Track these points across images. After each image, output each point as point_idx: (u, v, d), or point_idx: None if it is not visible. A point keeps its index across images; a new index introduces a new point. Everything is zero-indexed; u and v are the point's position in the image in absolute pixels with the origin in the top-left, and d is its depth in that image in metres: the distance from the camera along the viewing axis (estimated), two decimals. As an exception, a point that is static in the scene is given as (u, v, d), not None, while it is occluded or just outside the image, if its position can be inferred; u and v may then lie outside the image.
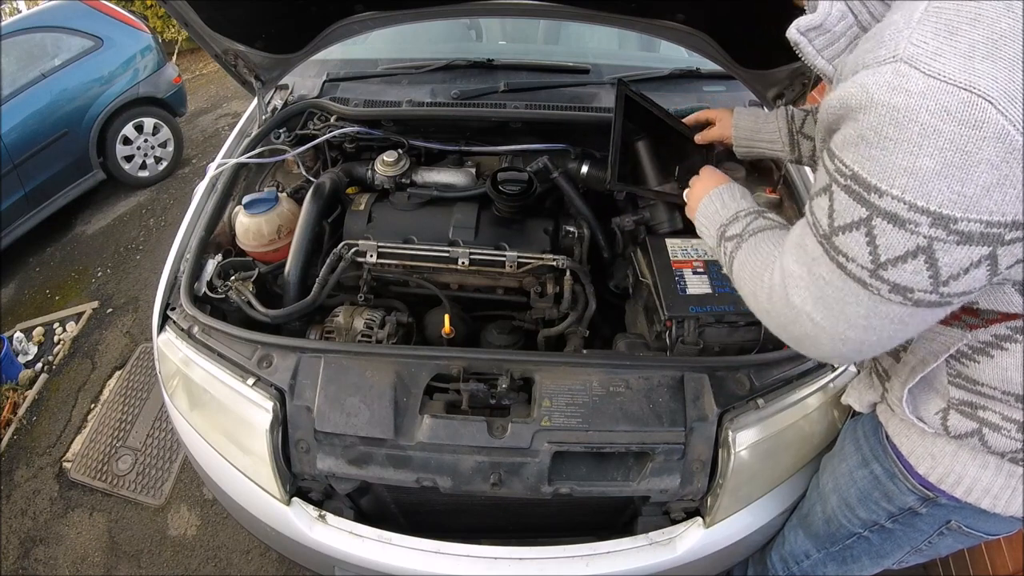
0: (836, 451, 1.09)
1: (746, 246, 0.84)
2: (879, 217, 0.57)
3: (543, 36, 2.29)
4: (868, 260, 0.59)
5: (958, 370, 0.78)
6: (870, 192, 0.57)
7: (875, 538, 1.03)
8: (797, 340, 0.71)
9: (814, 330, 0.67)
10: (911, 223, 0.55)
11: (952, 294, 0.59)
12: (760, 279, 0.76)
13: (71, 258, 3.56)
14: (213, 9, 1.40)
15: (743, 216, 0.90)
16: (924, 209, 0.54)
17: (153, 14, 5.77)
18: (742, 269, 0.82)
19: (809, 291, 0.66)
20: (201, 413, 1.25)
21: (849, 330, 0.64)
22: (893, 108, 0.53)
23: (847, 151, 0.58)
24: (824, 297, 0.64)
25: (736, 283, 0.85)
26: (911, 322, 0.63)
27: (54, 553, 2.02)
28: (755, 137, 1.22)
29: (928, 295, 0.59)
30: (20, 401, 2.59)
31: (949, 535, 0.95)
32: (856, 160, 0.57)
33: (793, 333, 0.71)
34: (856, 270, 0.61)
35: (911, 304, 0.60)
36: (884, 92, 0.53)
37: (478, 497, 1.16)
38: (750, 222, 0.88)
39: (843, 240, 0.61)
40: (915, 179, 0.53)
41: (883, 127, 0.54)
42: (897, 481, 0.93)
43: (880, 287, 0.60)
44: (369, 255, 1.40)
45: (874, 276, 0.60)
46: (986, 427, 0.78)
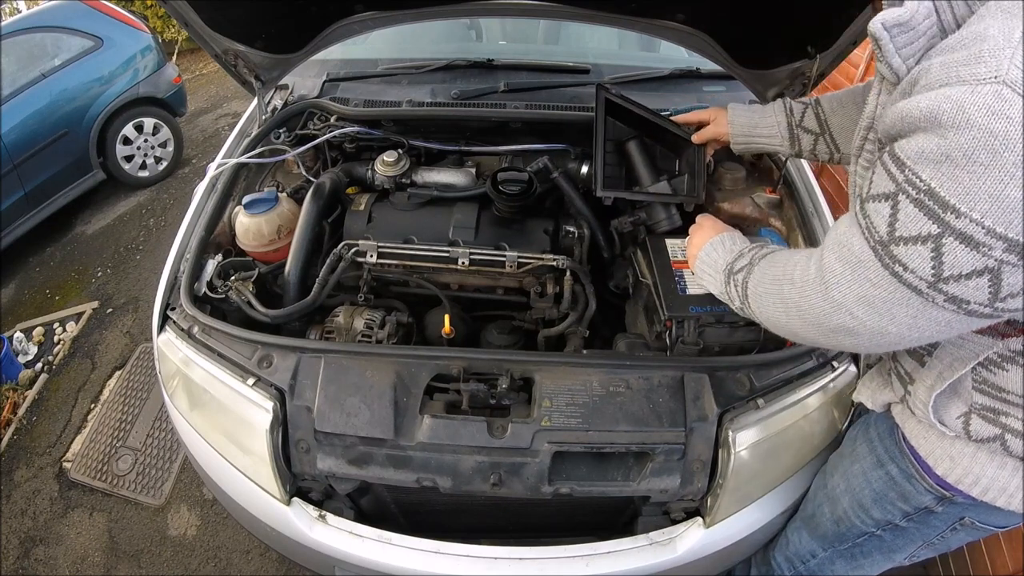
0: (847, 452, 1.08)
1: (758, 269, 0.85)
2: (951, 236, 0.56)
3: (543, 36, 2.29)
4: (929, 274, 0.59)
5: (984, 376, 0.78)
6: (946, 211, 0.55)
7: (887, 536, 1.03)
8: (832, 332, 0.71)
9: (853, 323, 0.67)
10: (985, 246, 0.55)
11: (1006, 309, 0.60)
12: (787, 278, 0.76)
13: (71, 258, 3.56)
14: (213, 9, 1.40)
15: (747, 252, 0.92)
16: (1002, 236, 0.53)
17: (153, 14, 5.77)
18: (761, 283, 0.84)
19: (851, 289, 0.66)
20: (201, 413, 1.25)
21: (891, 326, 0.65)
22: (990, 133, 0.51)
23: (924, 165, 0.57)
24: (869, 298, 0.65)
25: (754, 302, 0.85)
26: (956, 326, 0.64)
27: (54, 553, 2.02)
28: (752, 132, 1.22)
29: (983, 308, 0.59)
30: (20, 401, 2.59)
31: (961, 530, 0.95)
32: (935, 177, 0.56)
33: (828, 325, 0.71)
34: (912, 279, 0.60)
35: (963, 313, 0.61)
36: (983, 115, 0.52)
37: (478, 497, 1.16)
38: (755, 252, 0.90)
39: (903, 251, 0.60)
40: (999, 206, 0.53)
41: (975, 151, 0.52)
42: (914, 482, 0.92)
43: (936, 297, 0.60)
44: (369, 255, 1.40)
45: (932, 288, 0.59)
46: (1008, 433, 0.78)
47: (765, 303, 0.82)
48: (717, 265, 0.99)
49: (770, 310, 0.82)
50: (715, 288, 1.00)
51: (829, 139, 1.13)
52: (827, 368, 1.20)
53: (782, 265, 0.80)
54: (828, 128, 1.13)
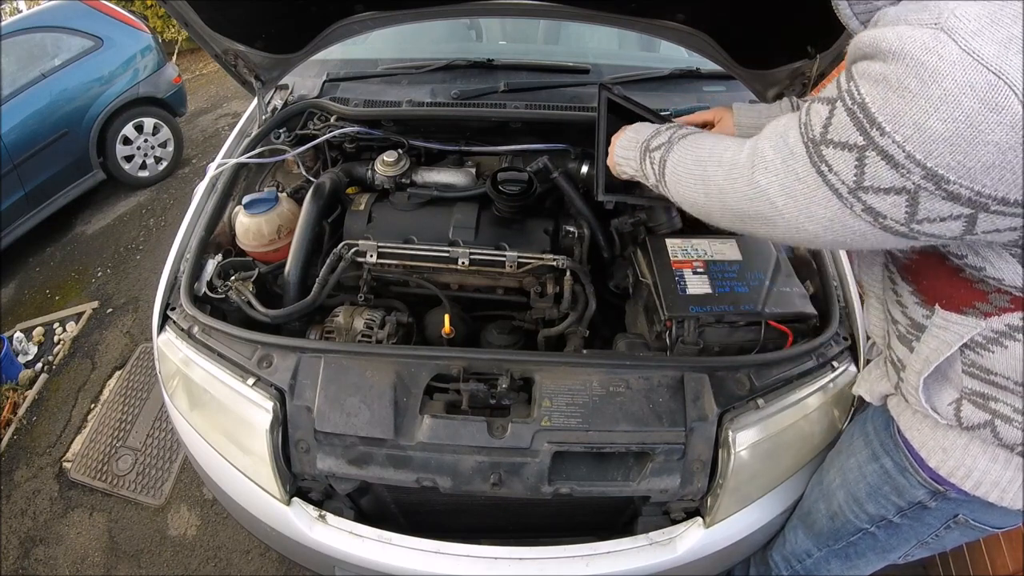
0: (843, 447, 1.09)
1: (679, 146, 0.87)
2: (874, 151, 0.59)
3: (543, 36, 2.29)
4: (851, 179, 0.62)
5: (972, 359, 0.79)
6: (872, 127, 0.59)
7: (881, 534, 1.03)
8: (751, 219, 0.75)
9: (772, 212, 0.71)
10: (904, 168, 0.58)
11: (921, 232, 0.63)
12: (714, 160, 0.79)
13: (71, 258, 3.56)
14: (213, 9, 1.40)
15: (664, 130, 0.95)
16: (920, 163, 0.57)
17: (153, 14, 5.77)
18: (681, 162, 0.86)
19: (778, 179, 0.69)
20: (201, 413, 1.25)
21: (808, 223, 0.69)
22: (922, 65, 0.55)
23: (865, 81, 0.60)
24: (792, 190, 0.68)
25: (672, 181, 0.88)
26: (871, 239, 0.67)
27: (54, 553, 2.02)
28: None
29: (899, 226, 0.63)
30: (20, 401, 2.59)
31: (956, 528, 0.95)
32: (870, 93, 0.59)
33: (748, 211, 0.74)
34: (835, 181, 0.64)
35: (879, 227, 0.64)
36: (918, 49, 0.55)
37: (478, 497, 1.16)
38: (673, 132, 0.92)
39: (831, 153, 0.63)
40: (921, 135, 0.56)
41: (907, 78, 0.56)
42: (908, 475, 0.93)
43: (854, 204, 0.63)
44: (369, 255, 1.40)
45: (852, 194, 0.63)
46: (998, 419, 0.79)
47: (685, 183, 0.85)
48: (633, 143, 1.00)
49: (688, 190, 0.85)
50: (631, 168, 1.01)
51: None
52: (827, 368, 1.20)
53: (709, 147, 0.82)
54: None
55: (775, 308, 1.21)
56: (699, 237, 1.36)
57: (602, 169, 1.19)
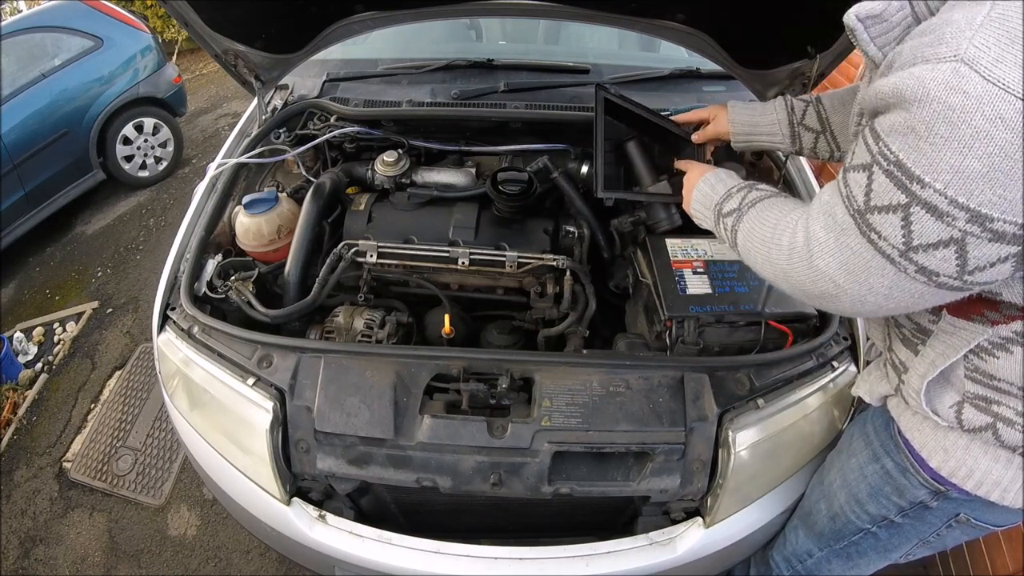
0: (844, 448, 1.09)
1: (748, 217, 0.87)
2: (918, 206, 0.59)
3: (543, 36, 2.29)
4: (900, 242, 0.62)
5: (976, 364, 0.79)
6: (912, 181, 0.59)
7: (883, 533, 1.03)
8: (816, 298, 0.76)
9: (836, 291, 0.71)
10: (948, 216, 0.57)
11: (975, 282, 0.62)
12: (775, 243, 0.79)
13: (71, 258, 3.56)
14: (213, 9, 1.40)
15: (735, 192, 0.94)
16: (964, 206, 0.56)
17: (153, 14, 5.77)
18: (750, 238, 0.86)
19: (834, 257, 0.69)
20: (201, 413, 1.25)
21: (870, 295, 0.69)
22: (948, 107, 0.54)
23: (894, 138, 0.60)
24: (849, 265, 0.68)
25: (743, 252, 0.89)
26: (930, 299, 0.67)
27: (54, 553, 2.02)
28: (753, 131, 1.22)
29: (952, 280, 0.62)
30: (20, 401, 2.59)
31: (957, 527, 0.95)
32: (902, 149, 0.59)
33: (812, 292, 0.75)
34: (886, 247, 0.63)
35: (934, 285, 0.63)
36: (941, 90, 0.55)
37: (478, 497, 1.16)
38: (744, 195, 0.91)
39: (877, 219, 0.63)
40: (960, 177, 0.55)
41: (935, 123, 0.55)
42: (909, 475, 0.93)
43: (908, 266, 0.63)
44: (369, 255, 1.40)
45: (904, 256, 0.63)
46: (1000, 422, 0.79)
47: (754, 259, 0.87)
48: (706, 203, 1.01)
49: (758, 266, 0.86)
50: (708, 225, 1.02)
51: (830, 137, 1.13)
52: (827, 368, 1.20)
53: (772, 226, 0.82)
54: (829, 126, 1.13)
55: (775, 308, 1.21)
56: (699, 237, 1.35)
57: (601, 167, 1.19)
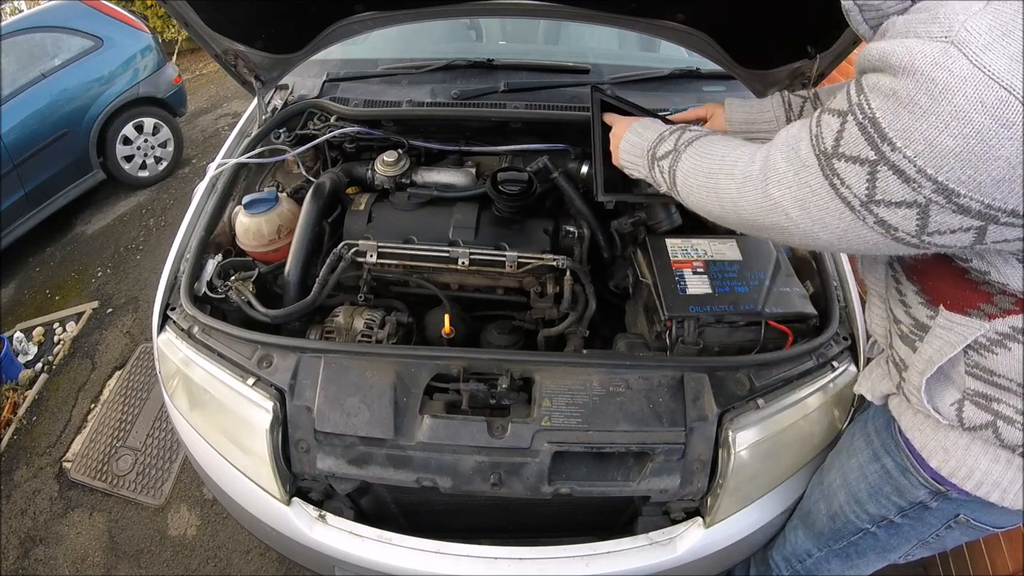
0: (844, 447, 1.09)
1: (687, 155, 0.87)
2: (886, 166, 0.60)
3: (543, 36, 2.29)
4: (863, 193, 0.63)
5: (976, 360, 0.79)
6: (883, 142, 0.59)
7: (882, 533, 1.03)
8: (766, 228, 0.76)
9: (787, 223, 0.72)
10: (915, 183, 0.58)
11: (932, 243, 0.64)
12: (725, 173, 0.79)
13: (71, 258, 3.56)
14: (213, 9, 1.40)
15: (668, 135, 0.94)
16: (932, 177, 0.57)
17: (153, 14, 5.77)
18: (693, 174, 0.85)
19: (791, 190, 0.70)
20: (201, 413, 1.25)
21: (823, 233, 0.69)
22: (932, 81, 0.55)
23: (875, 95, 0.60)
24: (805, 202, 0.69)
25: (684, 190, 0.88)
26: (884, 248, 0.68)
27: (54, 553, 2.02)
28: (751, 128, 1.21)
29: (910, 238, 0.64)
30: (20, 401, 2.59)
31: (957, 528, 0.95)
32: (880, 108, 0.60)
33: (763, 222, 0.75)
34: (847, 195, 0.64)
35: (890, 238, 0.65)
36: (928, 64, 0.55)
37: (478, 497, 1.16)
38: (679, 136, 0.91)
39: (843, 167, 0.64)
40: (932, 151, 0.56)
41: (917, 94, 0.56)
42: (909, 475, 0.93)
43: (867, 216, 0.64)
44: (369, 255, 1.40)
45: (864, 207, 0.64)
46: (1000, 420, 0.79)
47: (698, 195, 0.86)
48: (638, 149, 1.00)
49: (702, 201, 0.85)
50: (640, 173, 1.01)
51: None
52: (827, 368, 1.20)
53: (720, 158, 0.81)
54: None
55: (775, 308, 1.21)
56: (699, 237, 1.36)
57: (600, 170, 1.19)
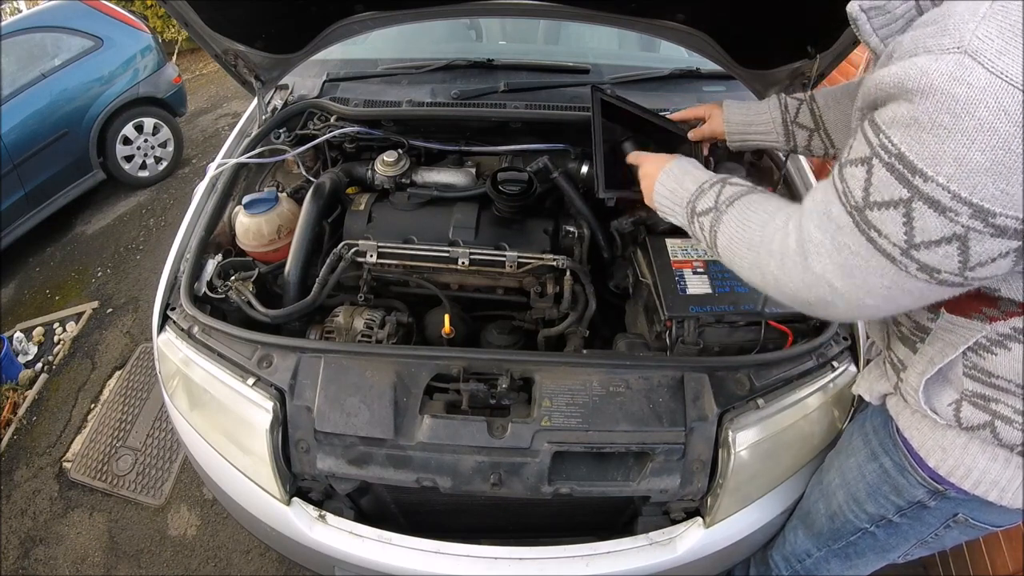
0: (843, 447, 1.09)
1: (728, 218, 0.83)
2: (920, 201, 0.57)
3: (543, 36, 2.29)
4: (902, 239, 0.60)
5: (974, 362, 0.79)
6: (914, 175, 0.57)
7: (881, 533, 1.03)
8: (811, 305, 0.72)
9: (832, 295, 0.68)
10: (951, 212, 0.56)
11: (976, 278, 0.62)
12: (765, 248, 0.75)
13: (71, 258, 3.56)
14: (213, 9, 1.40)
15: (708, 187, 0.89)
16: (967, 200, 0.55)
17: (153, 14, 5.77)
18: (734, 241, 0.81)
19: (831, 259, 0.66)
20: (201, 413, 1.25)
21: (868, 297, 0.66)
22: (952, 98, 0.53)
23: (896, 129, 0.59)
24: (847, 266, 0.65)
25: (726, 256, 0.84)
26: (929, 296, 0.66)
27: (54, 553, 2.02)
28: (748, 130, 1.22)
29: (953, 277, 0.61)
30: (20, 401, 2.59)
31: (955, 528, 0.95)
32: (904, 141, 0.57)
33: (807, 298, 0.71)
34: (886, 245, 0.62)
35: (935, 283, 0.62)
36: (945, 81, 0.54)
37: (478, 497, 1.16)
38: (719, 192, 0.86)
39: (877, 216, 0.61)
40: (963, 170, 0.54)
41: (939, 115, 0.54)
42: (907, 474, 0.93)
43: (909, 265, 0.61)
44: (369, 255, 1.40)
45: (905, 255, 0.61)
46: (998, 420, 0.78)
47: (739, 265, 0.82)
48: (677, 197, 0.94)
49: (745, 272, 0.81)
50: (678, 222, 0.96)
51: (824, 135, 1.13)
52: (827, 368, 1.20)
53: (759, 228, 0.78)
54: (823, 124, 1.13)
55: (775, 308, 1.21)
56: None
57: (601, 167, 1.19)
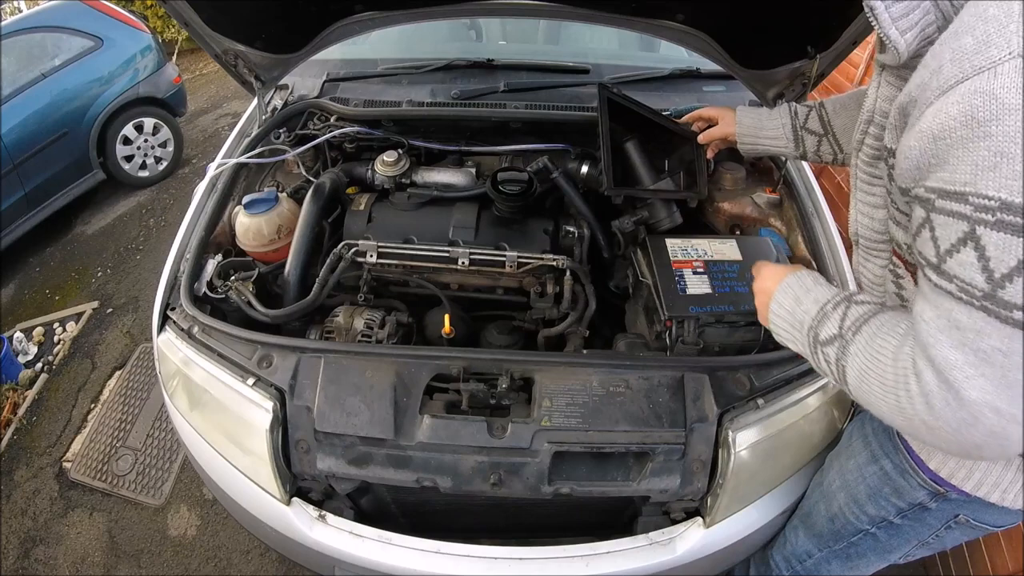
0: (843, 448, 1.09)
1: (857, 348, 0.69)
2: None
3: (543, 36, 2.29)
4: None
5: None
6: None
7: (882, 534, 1.03)
8: (981, 447, 0.58)
9: (1000, 423, 0.55)
10: None
11: None
12: (904, 388, 0.61)
13: (71, 258, 3.55)
14: (213, 9, 1.40)
15: (831, 310, 0.76)
16: None
17: (153, 14, 5.77)
18: (865, 379, 0.67)
19: (984, 375, 0.54)
20: (201, 413, 1.25)
21: None
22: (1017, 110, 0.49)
23: (984, 179, 0.51)
24: (1007, 376, 0.53)
25: (862, 397, 0.70)
26: None
27: (54, 553, 2.02)
28: (759, 135, 1.23)
29: None
30: (20, 401, 2.58)
31: (956, 528, 0.95)
32: (1003, 185, 0.50)
33: (973, 439, 0.57)
34: None
35: None
36: (1013, 95, 0.49)
37: (478, 497, 1.16)
38: (843, 314, 0.73)
39: (1014, 289, 0.51)
40: None
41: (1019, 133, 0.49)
42: (908, 476, 0.93)
43: None
44: (369, 255, 1.40)
45: None
46: None
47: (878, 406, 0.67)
48: (797, 321, 0.81)
49: (887, 415, 0.67)
50: (799, 349, 0.82)
51: (832, 140, 1.14)
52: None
53: (890, 363, 0.63)
54: (831, 129, 1.14)
55: (775, 308, 1.21)
56: (699, 237, 1.36)
57: (608, 165, 1.19)
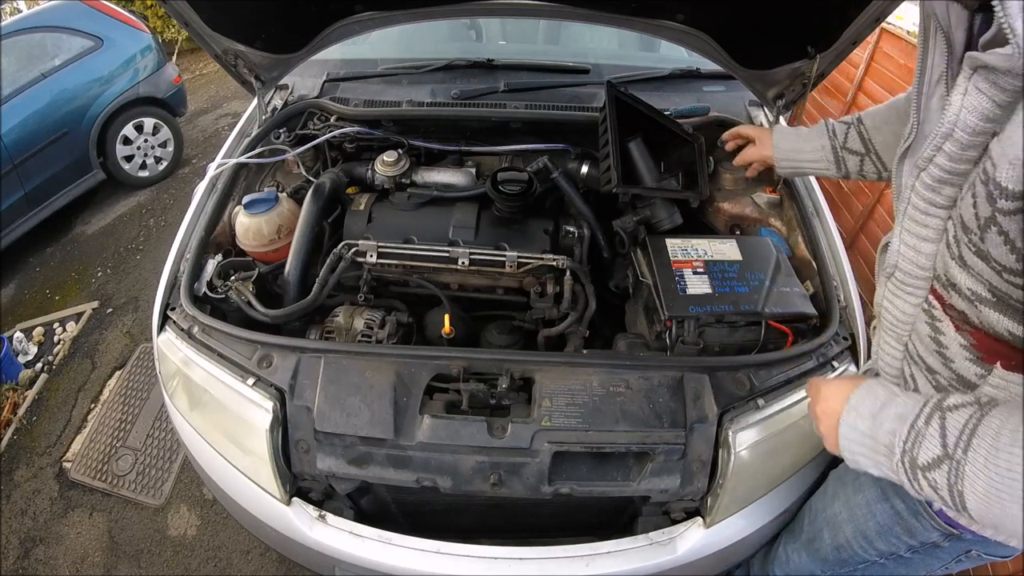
0: (849, 480, 1.07)
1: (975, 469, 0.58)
2: None
3: (543, 36, 2.29)
4: None
5: None
6: None
7: (891, 564, 1.01)
8: None
9: None
10: None
11: None
12: None
13: (71, 258, 3.56)
14: (213, 9, 1.40)
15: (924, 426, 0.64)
16: None
17: (153, 14, 5.77)
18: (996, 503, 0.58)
19: None
20: (201, 413, 1.25)
21: None
22: None
23: None
24: None
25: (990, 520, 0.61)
26: None
27: (54, 553, 2.02)
28: (798, 158, 1.21)
29: None
30: (20, 401, 2.59)
31: (967, 561, 0.94)
32: None
33: None
34: None
35: None
36: None
37: (478, 497, 1.16)
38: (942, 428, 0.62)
39: None
40: None
41: None
42: (921, 519, 0.90)
43: None
44: (369, 255, 1.40)
45: None
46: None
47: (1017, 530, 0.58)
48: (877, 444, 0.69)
49: None
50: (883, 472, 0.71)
51: (875, 158, 1.09)
52: (827, 368, 1.20)
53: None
54: (873, 148, 1.09)
55: (775, 308, 1.21)
56: (699, 237, 1.36)
57: (617, 163, 1.19)
